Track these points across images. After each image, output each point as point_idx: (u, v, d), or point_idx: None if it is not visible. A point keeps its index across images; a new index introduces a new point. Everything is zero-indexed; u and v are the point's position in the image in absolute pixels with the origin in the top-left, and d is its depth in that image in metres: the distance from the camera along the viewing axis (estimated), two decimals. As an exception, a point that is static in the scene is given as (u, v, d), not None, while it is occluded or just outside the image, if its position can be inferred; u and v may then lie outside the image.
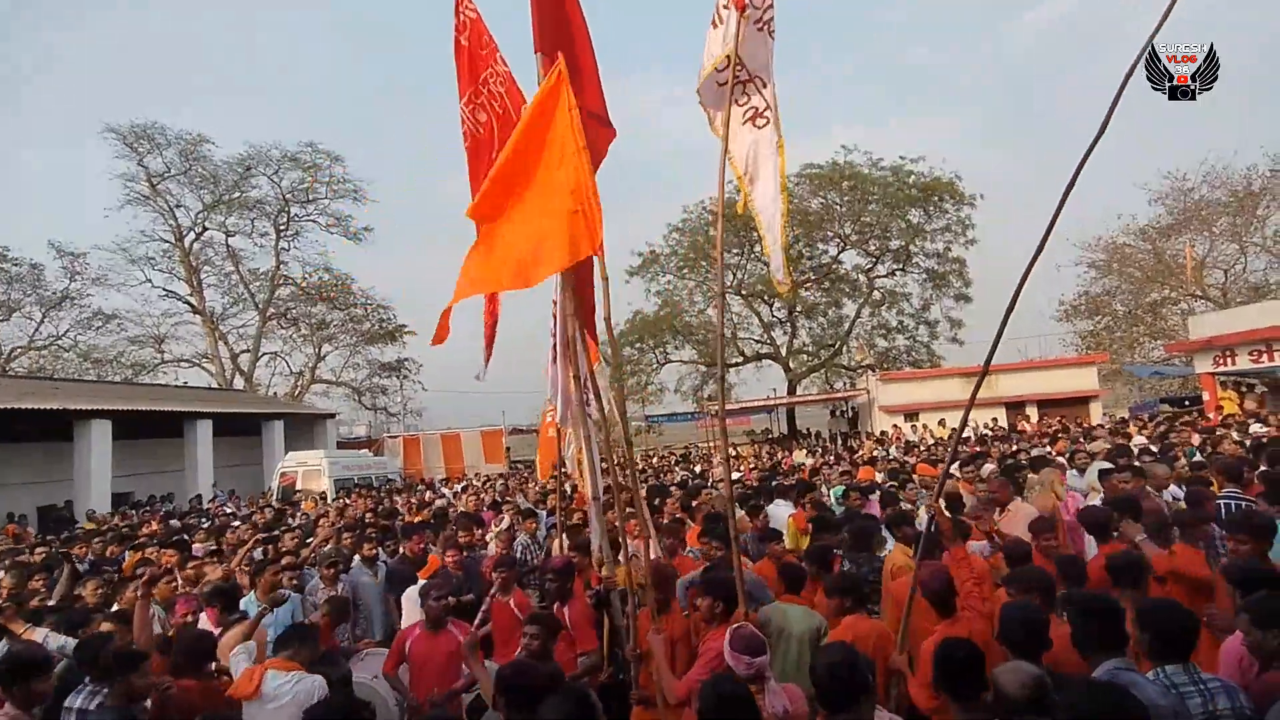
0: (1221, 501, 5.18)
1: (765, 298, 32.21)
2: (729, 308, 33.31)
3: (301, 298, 37.66)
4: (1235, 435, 11.20)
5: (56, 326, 33.46)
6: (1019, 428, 20.70)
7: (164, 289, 35.13)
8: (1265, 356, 21.09)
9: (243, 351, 37.18)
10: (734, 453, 20.88)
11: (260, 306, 36.50)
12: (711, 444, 25.07)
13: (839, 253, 32.23)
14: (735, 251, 32.67)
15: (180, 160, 34.03)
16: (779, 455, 19.60)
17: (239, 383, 36.08)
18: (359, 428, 38.30)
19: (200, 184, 34.80)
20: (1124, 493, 5.56)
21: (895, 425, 23.27)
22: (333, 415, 31.47)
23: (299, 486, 17.81)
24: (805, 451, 20.28)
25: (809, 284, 32.19)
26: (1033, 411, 24.01)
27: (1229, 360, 22.27)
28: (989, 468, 9.19)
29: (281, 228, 36.81)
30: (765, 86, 4.12)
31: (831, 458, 15.68)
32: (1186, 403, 25.14)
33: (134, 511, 17.49)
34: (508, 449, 28.32)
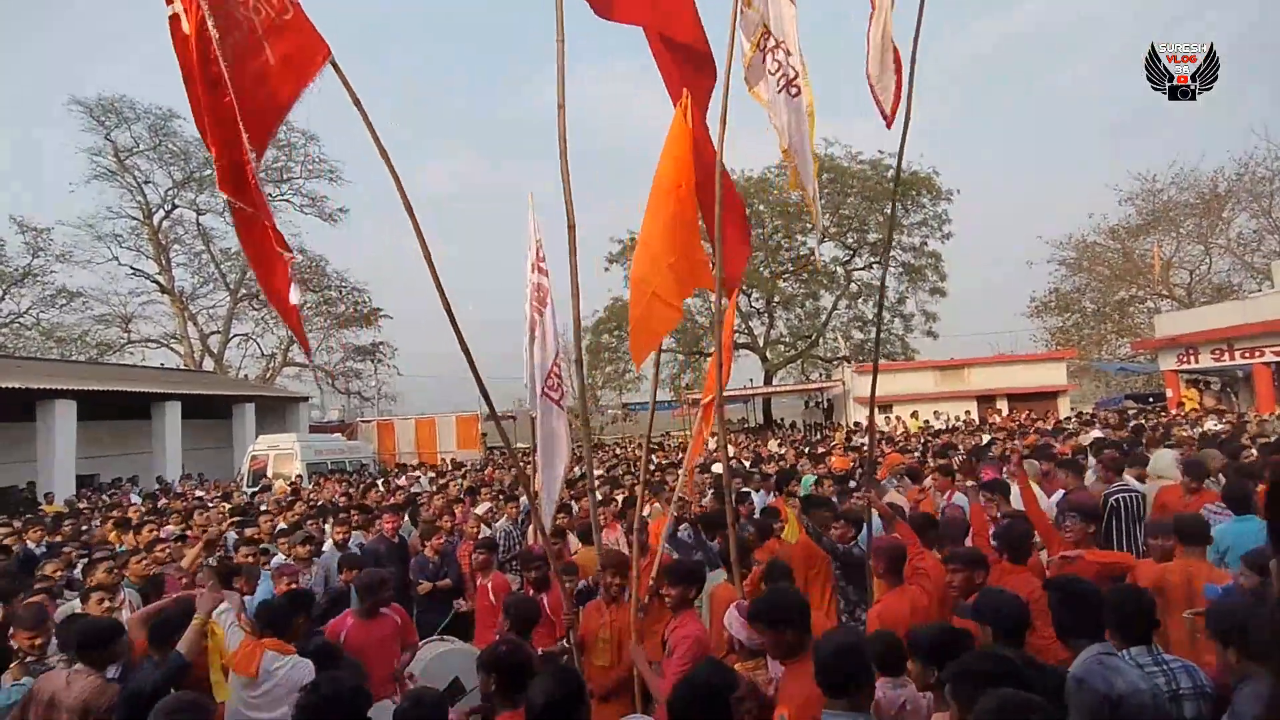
0: (1117, 496, 5.38)
1: (744, 288, 32.32)
2: (706, 297, 33.37)
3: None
4: (1187, 430, 11.52)
5: (18, 304, 32.60)
6: (989, 420, 21.06)
7: (131, 267, 34.40)
8: (1226, 355, 21.67)
9: (213, 333, 36.56)
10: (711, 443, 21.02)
11: (231, 287, 35.86)
12: (688, 433, 25.18)
13: (818, 244, 32.47)
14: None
15: (149, 135, 33.23)
16: (755, 445, 19.74)
17: (209, 364, 35.48)
18: (332, 412, 37.91)
19: (170, 160, 34.03)
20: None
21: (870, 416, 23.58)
22: (305, 399, 31.09)
23: (270, 471, 17.59)
24: (779, 441, 20.45)
25: (787, 275, 32.38)
26: (1003, 405, 24.44)
27: (1192, 358, 22.85)
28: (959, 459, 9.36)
29: (252, 207, 36.11)
30: (790, 55, 4.08)
31: (806, 449, 15.88)
32: (1151, 399, 25.75)
33: (98, 494, 17.18)
34: (484, 435, 28.19)
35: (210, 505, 10.76)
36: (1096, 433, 12.06)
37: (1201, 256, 34.65)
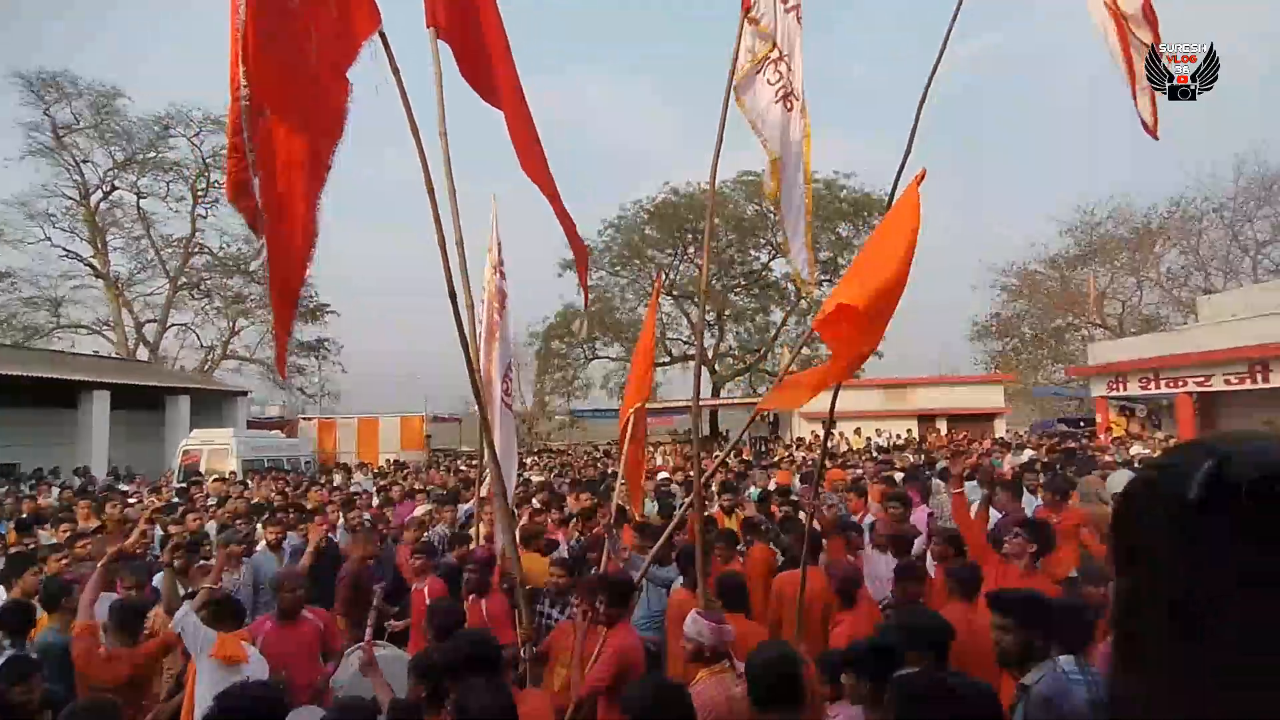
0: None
1: (695, 299, 32.59)
2: (659, 308, 33.61)
3: (218, 268, 35.88)
4: (1110, 455, 12.05)
5: (-61, 282, 30.94)
6: (928, 440, 21.61)
7: (64, 249, 32.91)
8: (1152, 384, 22.69)
9: (149, 321, 35.19)
10: (654, 453, 21.09)
11: (171, 274, 34.59)
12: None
13: (769, 260, 32.91)
14: (668, 251, 32.97)
15: (91, 113, 31.91)
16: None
17: (143, 354, 34.11)
18: (272, 408, 36.82)
19: (111, 140, 32.70)
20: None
21: (814, 432, 23.92)
22: (244, 393, 30.13)
23: (204, 466, 16.97)
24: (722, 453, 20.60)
25: (738, 289, 32.75)
26: (943, 425, 25.11)
27: (1121, 386, 23.87)
28: (898, 475, 9.60)
29: (200, 193, 34.95)
30: (792, 72, 4.09)
31: (753, 461, 16.09)
32: (1082, 424, 26.77)
33: (17, 485, 16.33)
34: (428, 436, 27.72)
35: (133, 500, 10.33)
36: (1028, 454, 12.50)
37: (1133, 289, 36.27)
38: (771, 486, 9.51)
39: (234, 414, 26.92)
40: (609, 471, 12.40)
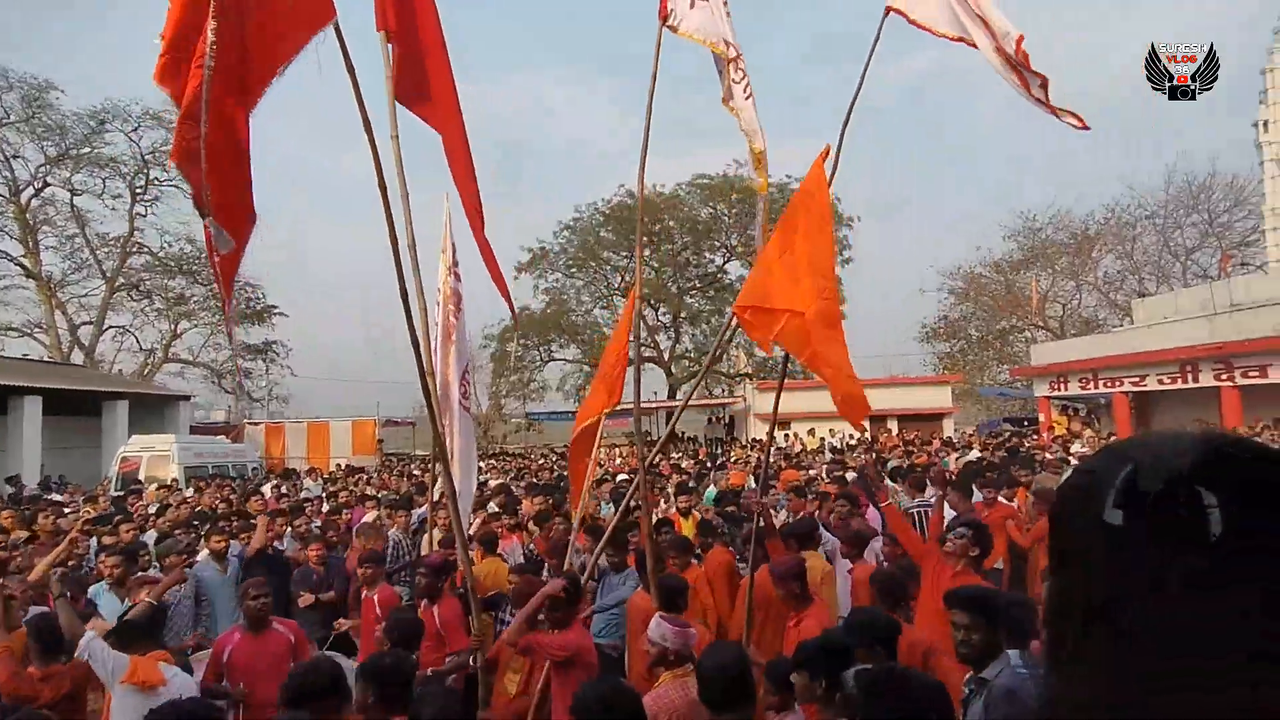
0: (914, 510, 5.89)
1: (652, 302, 32.69)
2: (615, 309, 33.61)
3: (158, 269, 34.65)
4: (1051, 454, 12.48)
5: None
6: (879, 440, 22.02)
7: (-8, 248, 31.43)
8: (1091, 384, 23.56)
9: (84, 323, 33.78)
10: (607, 454, 21.06)
11: (108, 275, 33.28)
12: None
13: (725, 262, 33.20)
14: (624, 253, 33.01)
15: (22, 106, 30.49)
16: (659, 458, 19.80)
17: (78, 357, 32.75)
18: (217, 412, 35.72)
19: (44, 135, 31.31)
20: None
21: (769, 433, 24.18)
22: (187, 397, 29.16)
23: (143, 474, 16.35)
24: (680, 455, 20.68)
25: (694, 291, 32.96)
26: (893, 425, 25.63)
27: (1062, 386, 24.73)
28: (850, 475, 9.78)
29: (138, 191, 33.72)
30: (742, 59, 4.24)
31: (709, 462, 16.21)
32: (1025, 423, 27.62)
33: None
34: (380, 441, 27.19)
35: (67, 510, 9.90)
36: (975, 453, 12.86)
37: (1073, 292, 37.62)
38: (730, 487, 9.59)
39: (175, 419, 26.02)
40: (566, 474, 12.34)
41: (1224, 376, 19.05)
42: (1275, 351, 17.77)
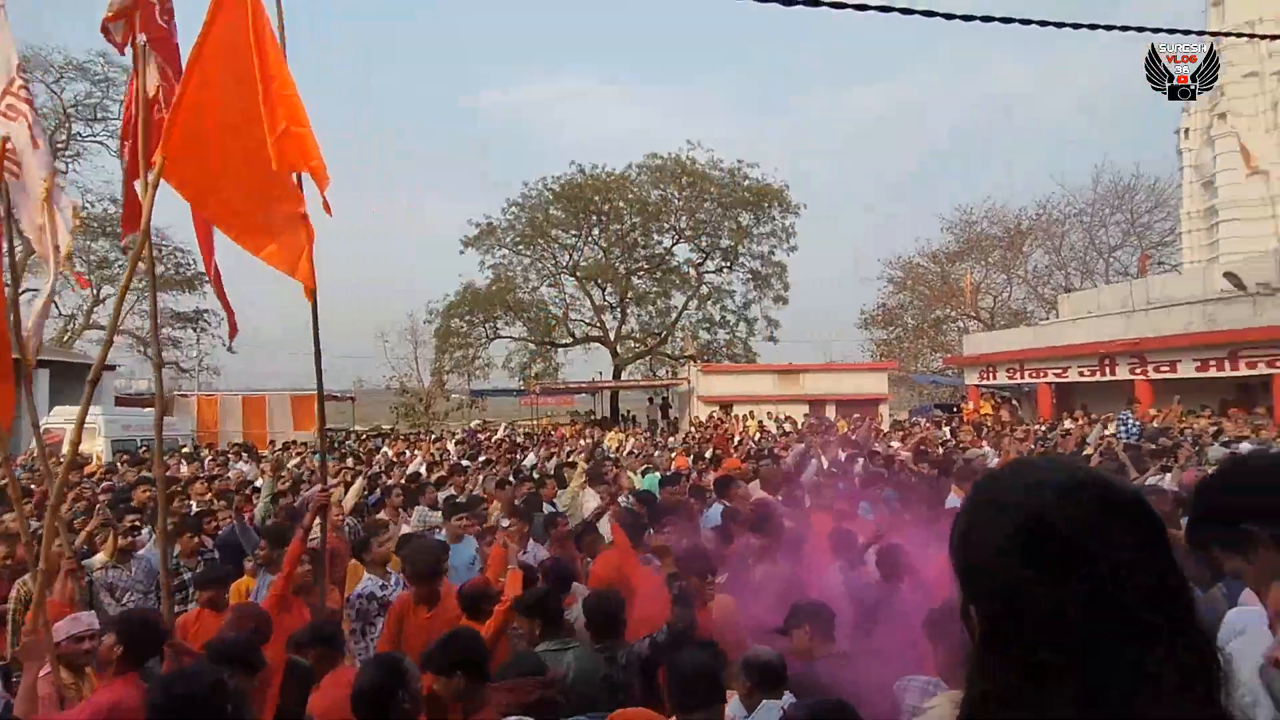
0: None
1: (599, 281, 32.66)
2: (562, 288, 33.49)
3: (80, 230, 32.70)
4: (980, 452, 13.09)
5: None
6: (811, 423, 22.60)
7: (-106, 204, 29.26)
8: (1018, 374, 24.69)
9: (-3, 285, 31.88)
10: (550, 432, 21.08)
11: (25, 235, 31.42)
12: (535, 422, 25.13)
13: (672, 245, 33.33)
14: (573, 232, 32.83)
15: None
16: (598, 436, 19.88)
17: (-11, 321, 30.90)
18: (140, 382, 34.25)
19: (-48, 81, 29.25)
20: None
21: (710, 414, 24.55)
22: (111, 367, 27.91)
23: (66, 446, 15.64)
24: (616, 432, 20.71)
25: (641, 272, 33.04)
26: (832, 410, 26.33)
27: (991, 375, 25.85)
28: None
29: (59, 146, 31.84)
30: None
31: (644, 439, 16.40)
32: (955, 409, 28.74)
33: None
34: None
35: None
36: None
37: (1004, 285, 39.13)
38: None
39: (100, 390, 24.87)
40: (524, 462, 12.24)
41: (1138, 370, 20.23)
42: (1185, 348, 18.93)
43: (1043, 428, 15.87)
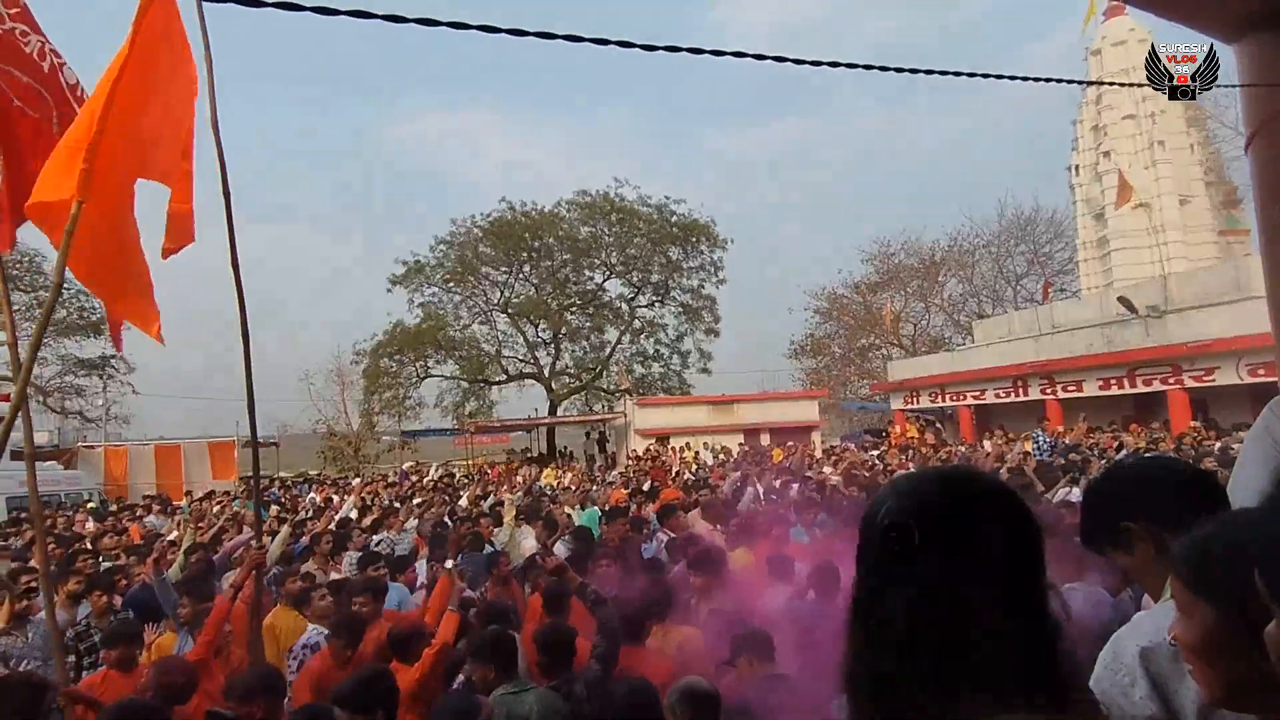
0: None
1: (531, 318, 32.57)
2: (494, 325, 33.24)
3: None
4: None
5: None
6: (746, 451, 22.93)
7: None
8: (940, 397, 25.72)
9: (-124, 335, 29.54)
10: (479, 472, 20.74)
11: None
12: (469, 462, 24.69)
13: (604, 280, 33.64)
14: (504, 269, 32.75)
15: None
16: (531, 474, 19.61)
17: None
18: (40, 434, 32.08)
19: None
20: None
21: (648, 447, 24.63)
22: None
23: (-47, 506, 14.55)
24: (553, 468, 20.61)
25: (574, 308, 33.14)
26: (766, 438, 26.79)
27: (915, 400, 26.85)
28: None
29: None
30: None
31: (582, 474, 16.31)
32: (884, 433, 29.63)
33: None
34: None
35: None
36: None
37: (923, 313, 40.84)
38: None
39: (-8, 444, 23.19)
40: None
41: (1048, 390, 21.38)
42: (1088, 369, 20.14)
43: (964, 448, 16.54)
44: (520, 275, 32.86)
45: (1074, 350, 20.74)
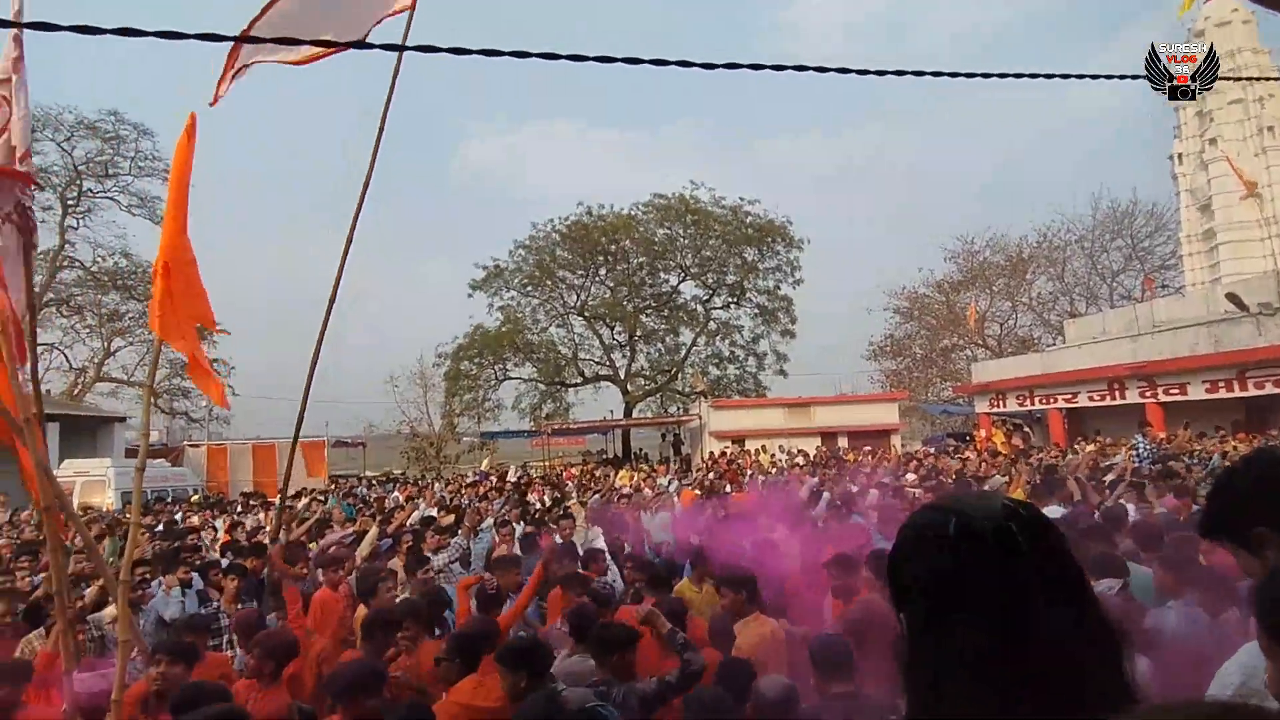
0: None
1: (607, 320, 32.86)
2: (571, 328, 33.71)
3: (90, 283, 33.40)
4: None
5: None
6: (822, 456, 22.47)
7: (-91, 262, 29.80)
8: (1028, 400, 24.58)
9: (11, 341, 32.24)
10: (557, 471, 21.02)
11: (36, 290, 31.88)
12: (547, 463, 25.12)
13: (679, 282, 33.63)
14: (580, 272, 33.15)
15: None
16: (606, 475, 19.71)
17: (4, 377, 31.20)
18: (153, 434, 34.40)
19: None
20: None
21: (723, 449, 24.48)
22: (120, 419, 28.13)
23: (76, 500, 15.74)
24: (628, 470, 20.60)
25: (649, 310, 33.26)
26: (844, 441, 26.23)
27: (1001, 402, 25.74)
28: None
29: (70, 203, 32.52)
30: None
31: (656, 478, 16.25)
32: (968, 438, 28.55)
33: None
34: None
35: None
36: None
37: (1009, 312, 39.18)
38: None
39: (109, 442, 25.11)
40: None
41: (1148, 394, 20.13)
42: (1193, 370, 18.87)
43: (1053, 452, 15.76)
44: (596, 278, 33.20)
45: (1177, 351, 19.48)
